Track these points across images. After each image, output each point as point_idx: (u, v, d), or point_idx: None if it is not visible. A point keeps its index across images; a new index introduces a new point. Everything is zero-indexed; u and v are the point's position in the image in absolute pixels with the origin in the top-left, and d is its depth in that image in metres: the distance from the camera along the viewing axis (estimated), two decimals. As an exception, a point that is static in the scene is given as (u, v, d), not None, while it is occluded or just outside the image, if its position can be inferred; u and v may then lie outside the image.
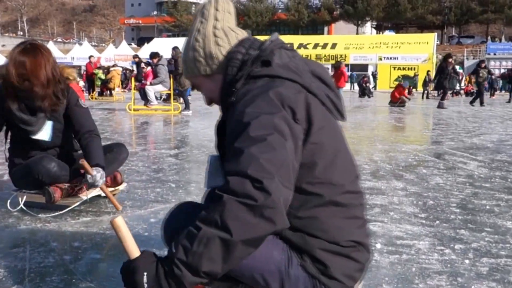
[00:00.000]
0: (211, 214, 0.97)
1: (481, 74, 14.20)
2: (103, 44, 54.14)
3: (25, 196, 2.53)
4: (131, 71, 20.43)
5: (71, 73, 2.58)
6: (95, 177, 2.36)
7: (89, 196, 2.59)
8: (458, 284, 1.72)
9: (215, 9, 1.25)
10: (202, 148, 4.89)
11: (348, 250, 1.17)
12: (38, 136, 2.49)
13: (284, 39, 1.25)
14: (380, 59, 29.78)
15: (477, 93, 14.14)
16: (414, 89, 19.94)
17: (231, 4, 1.29)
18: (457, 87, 22.31)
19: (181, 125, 7.53)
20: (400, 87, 13.51)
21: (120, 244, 1.08)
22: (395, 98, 13.19)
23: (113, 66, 17.10)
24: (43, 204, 2.50)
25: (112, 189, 2.72)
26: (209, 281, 1.08)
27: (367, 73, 25.57)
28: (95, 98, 15.11)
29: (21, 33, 70.23)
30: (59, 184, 2.51)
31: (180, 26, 53.89)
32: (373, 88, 24.35)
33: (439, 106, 12.16)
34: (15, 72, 2.30)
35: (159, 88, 9.87)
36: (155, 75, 9.81)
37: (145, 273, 1.01)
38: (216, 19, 1.25)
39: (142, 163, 4.02)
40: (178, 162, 4.11)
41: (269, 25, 50.05)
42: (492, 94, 21.37)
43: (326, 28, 52.15)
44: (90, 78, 15.92)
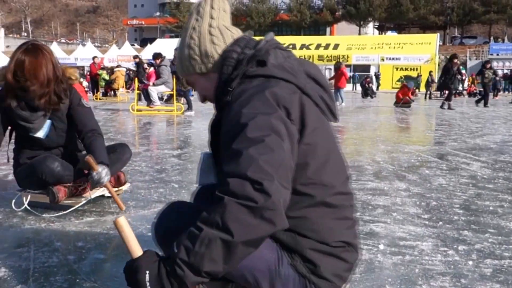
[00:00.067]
0: (212, 216, 0.98)
1: (487, 75, 14.13)
2: (106, 45, 54.22)
3: (29, 196, 2.54)
4: (135, 72, 20.47)
5: (73, 73, 2.60)
6: (101, 174, 2.34)
7: (93, 196, 2.60)
8: (462, 286, 1.71)
9: (211, 7, 1.25)
10: (205, 149, 4.86)
11: (338, 250, 1.19)
12: (36, 134, 2.50)
13: (286, 40, 1.26)
14: (383, 60, 29.73)
15: (484, 94, 14.12)
16: (417, 90, 19.90)
17: (227, 3, 1.29)
18: (460, 88, 22.24)
19: (184, 126, 7.54)
20: (405, 88, 13.49)
21: (123, 244, 1.09)
22: (399, 99, 13.18)
23: (117, 67, 17.14)
24: (47, 204, 2.51)
25: (116, 189, 2.72)
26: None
27: (370, 74, 25.51)
28: (99, 99, 15.16)
29: (25, 34, 70.48)
30: (63, 184, 2.52)
31: (183, 27, 53.84)
32: (376, 89, 24.30)
33: (442, 107, 12.13)
34: (14, 71, 2.34)
35: (162, 89, 9.88)
36: (158, 76, 9.83)
37: (147, 272, 1.02)
38: (212, 17, 1.25)
39: (145, 164, 4.04)
40: (181, 163, 4.12)
41: (272, 26, 49.97)
42: (495, 95, 21.29)
43: (328, 29, 52.10)
44: (94, 79, 15.99)
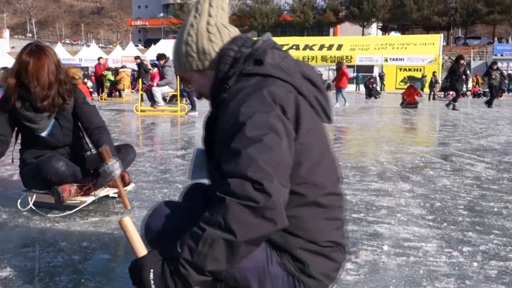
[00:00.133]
0: (215, 216, 0.99)
1: (494, 76, 14.08)
2: (111, 46, 54.39)
3: (35, 196, 2.56)
4: (138, 73, 20.49)
5: (76, 73, 2.64)
6: (113, 166, 2.37)
7: (98, 197, 2.61)
8: (466, 287, 1.71)
9: (209, 5, 1.26)
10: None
11: (327, 250, 1.20)
12: (41, 133, 2.52)
13: (290, 41, 1.27)
14: (386, 60, 29.68)
15: (490, 95, 14.07)
16: (421, 90, 19.82)
17: (225, 1, 1.30)
18: (464, 89, 22.15)
19: (188, 126, 7.56)
20: (412, 88, 13.45)
21: (128, 243, 1.10)
22: (405, 99, 13.14)
23: (122, 68, 17.18)
24: (52, 204, 2.53)
25: (120, 190, 2.74)
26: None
27: (373, 74, 25.47)
28: (104, 99, 15.21)
29: (30, 35, 70.82)
30: (68, 184, 2.53)
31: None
32: (381, 89, 24.24)
33: (448, 106, 12.03)
34: (19, 72, 2.38)
35: (166, 90, 9.91)
36: (162, 77, 9.85)
37: (152, 271, 1.03)
38: (210, 15, 1.26)
39: (149, 164, 4.05)
40: (185, 163, 4.12)
41: (275, 27, 50.00)
42: (500, 95, 21.18)
43: (332, 30, 52.02)
44: (99, 80, 16.04)
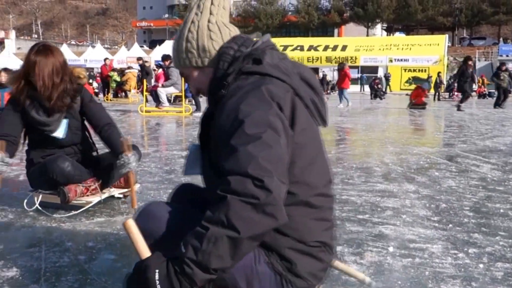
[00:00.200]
0: (217, 214, 1.00)
1: (502, 77, 13.98)
2: (116, 47, 54.57)
3: (41, 196, 2.57)
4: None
5: (81, 72, 2.70)
6: (131, 158, 2.43)
7: (103, 197, 2.63)
8: (472, 288, 1.70)
9: (211, 3, 1.28)
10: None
11: (315, 250, 1.20)
12: (54, 134, 2.55)
13: (294, 41, 1.28)
14: (391, 61, 29.59)
15: (497, 95, 13.99)
16: (427, 91, 19.74)
17: (227, 0, 1.31)
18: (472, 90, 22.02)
19: (192, 127, 7.57)
20: (420, 89, 13.39)
21: (132, 245, 1.10)
22: (411, 100, 13.09)
23: (128, 68, 17.25)
24: (58, 204, 2.54)
25: (125, 190, 2.75)
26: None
27: (378, 75, 25.38)
28: (110, 100, 15.27)
29: (36, 36, 71.18)
30: (74, 185, 2.54)
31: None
32: (385, 90, 24.15)
33: (459, 109, 11.89)
34: (27, 72, 2.42)
35: (171, 90, 9.95)
36: (167, 78, 9.89)
37: (157, 271, 1.04)
38: (211, 13, 1.27)
39: (155, 164, 4.06)
40: (190, 164, 4.13)
41: (280, 28, 50.01)
42: (506, 96, 21.02)
43: (336, 30, 51.94)
44: (105, 80, 16.10)
